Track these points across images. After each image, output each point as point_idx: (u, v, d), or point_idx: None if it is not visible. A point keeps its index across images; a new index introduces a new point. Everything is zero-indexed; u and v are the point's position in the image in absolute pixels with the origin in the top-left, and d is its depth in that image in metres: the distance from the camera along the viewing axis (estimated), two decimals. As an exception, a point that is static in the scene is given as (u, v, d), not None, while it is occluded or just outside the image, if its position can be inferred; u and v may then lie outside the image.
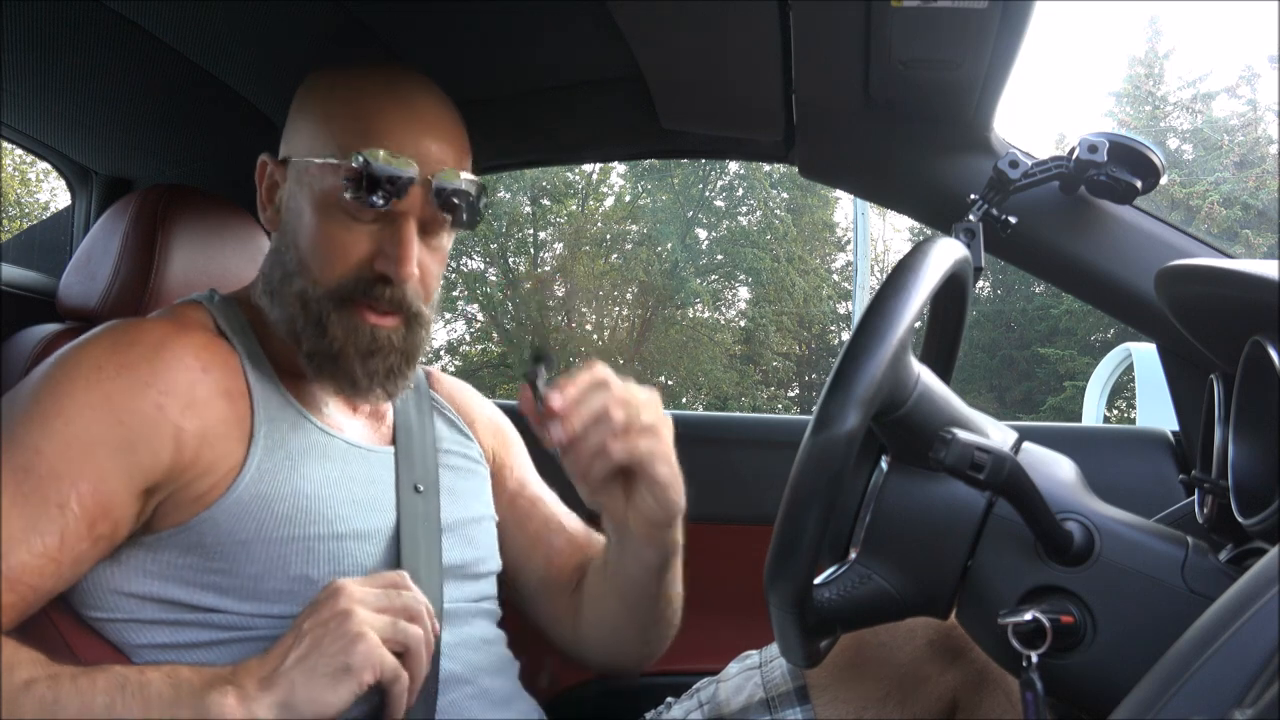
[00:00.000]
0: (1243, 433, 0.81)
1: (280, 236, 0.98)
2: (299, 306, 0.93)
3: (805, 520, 0.69)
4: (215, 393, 0.91)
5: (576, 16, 1.19)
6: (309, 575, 0.90)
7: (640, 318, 18.13)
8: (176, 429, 0.87)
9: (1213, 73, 24.53)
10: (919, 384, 0.77)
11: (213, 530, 0.88)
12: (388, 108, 0.93)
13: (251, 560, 0.89)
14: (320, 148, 0.93)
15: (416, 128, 0.93)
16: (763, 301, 18.12)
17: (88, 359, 0.88)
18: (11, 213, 12.47)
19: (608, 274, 18.03)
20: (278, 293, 0.96)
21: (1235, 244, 14.81)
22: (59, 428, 0.83)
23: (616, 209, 18.50)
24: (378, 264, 0.92)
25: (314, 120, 0.96)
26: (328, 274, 0.92)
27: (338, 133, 0.92)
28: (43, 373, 0.88)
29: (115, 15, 1.15)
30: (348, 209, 0.91)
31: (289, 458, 0.93)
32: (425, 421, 1.10)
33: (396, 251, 0.91)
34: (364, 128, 0.91)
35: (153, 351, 0.89)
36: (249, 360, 0.95)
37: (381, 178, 0.88)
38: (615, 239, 18.43)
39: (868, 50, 1.12)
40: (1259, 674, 0.44)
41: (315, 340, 0.93)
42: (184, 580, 0.88)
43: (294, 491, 0.91)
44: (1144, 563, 0.73)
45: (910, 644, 1.06)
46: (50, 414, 0.84)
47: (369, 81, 0.96)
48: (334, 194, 0.91)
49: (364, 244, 0.92)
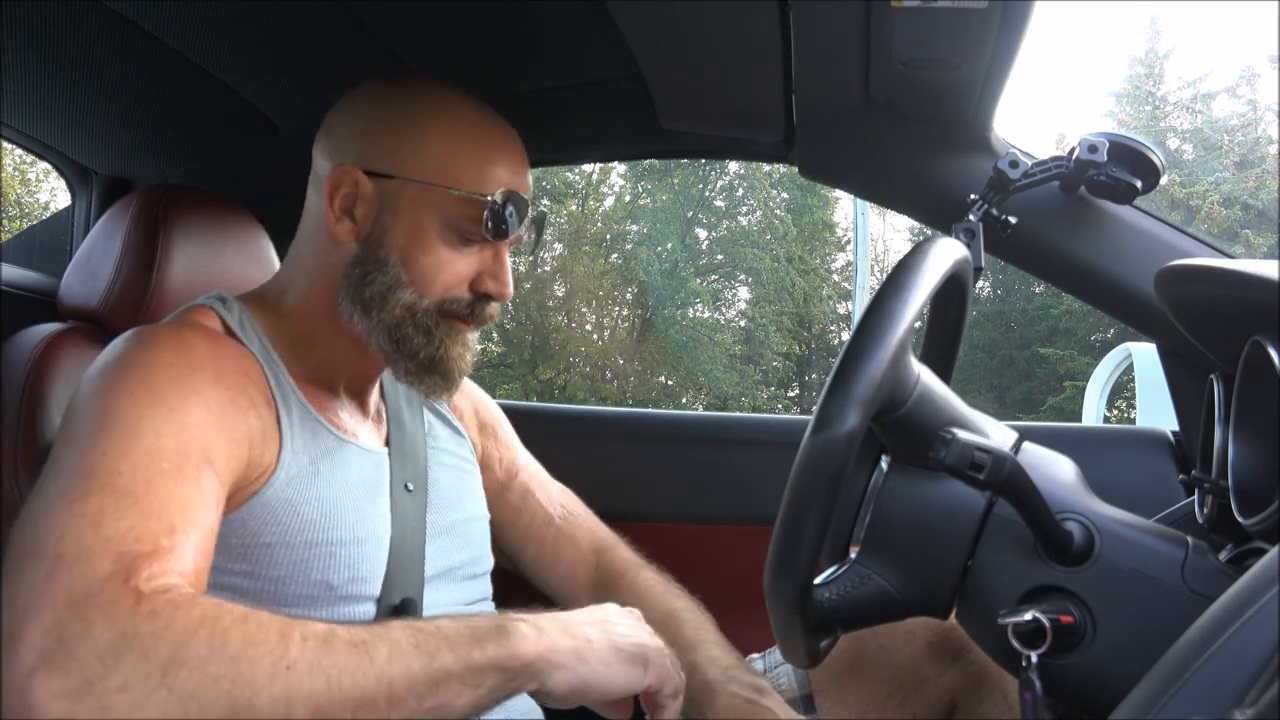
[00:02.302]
0: (1243, 433, 0.81)
1: (371, 250, 0.98)
2: (408, 317, 0.97)
3: (805, 520, 0.69)
4: (258, 395, 0.92)
5: (576, 16, 1.19)
6: (329, 580, 0.91)
7: (640, 318, 18.13)
8: (247, 422, 0.88)
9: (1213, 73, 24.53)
10: (919, 384, 0.77)
11: (238, 531, 0.88)
12: (507, 148, 1.01)
13: (275, 564, 0.89)
14: (445, 177, 0.97)
15: (524, 168, 1.02)
16: (763, 301, 18.13)
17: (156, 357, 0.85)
18: (11, 213, 12.47)
19: (608, 274, 18.04)
20: (376, 304, 0.97)
21: (1235, 244, 14.81)
22: (165, 412, 0.80)
23: (616, 209, 18.50)
24: (482, 284, 0.99)
25: (431, 146, 0.98)
26: (437, 289, 0.98)
27: (467, 167, 0.98)
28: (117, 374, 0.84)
29: (115, 15, 1.15)
30: (467, 236, 0.97)
31: (312, 462, 0.93)
32: (417, 418, 1.11)
33: (501, 275, 0.99)
34: (493, 168, 0.98)
35: (211, 353, 0.89)
36: (266, 365, 0.96)
37: (511, 217, 0.97)
38: (615, 239, 18.44)
39: (868, 50, 1.12)
40: (1259, 674, 0.44)
41: (425, 347, 0.98)
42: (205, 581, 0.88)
43: (318, 497, 0.92)
44: (1144, 563, 0.73)
45: (909, 646, 1.06)
46: (153, 403, 0.81)
47: (474, 114, 1.01)
48: (458, 222, 0.97)
49: (471, 265, 0.99)
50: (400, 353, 0.98)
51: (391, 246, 0.97)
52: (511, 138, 1.03)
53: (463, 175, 0.97)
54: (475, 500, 1.13)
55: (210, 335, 0.93)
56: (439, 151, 0.97)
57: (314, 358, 1.00)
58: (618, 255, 18.38)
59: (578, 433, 1.68)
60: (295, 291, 1.02)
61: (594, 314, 18.64)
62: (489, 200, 0.96)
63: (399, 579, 0.96)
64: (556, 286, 18.33)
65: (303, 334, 1.00)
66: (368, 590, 0.93)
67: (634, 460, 1.64)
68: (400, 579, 0.96)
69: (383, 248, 0.97)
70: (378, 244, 0.97)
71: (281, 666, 0.66)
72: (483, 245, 0.99)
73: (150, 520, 0.72)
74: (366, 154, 0.98)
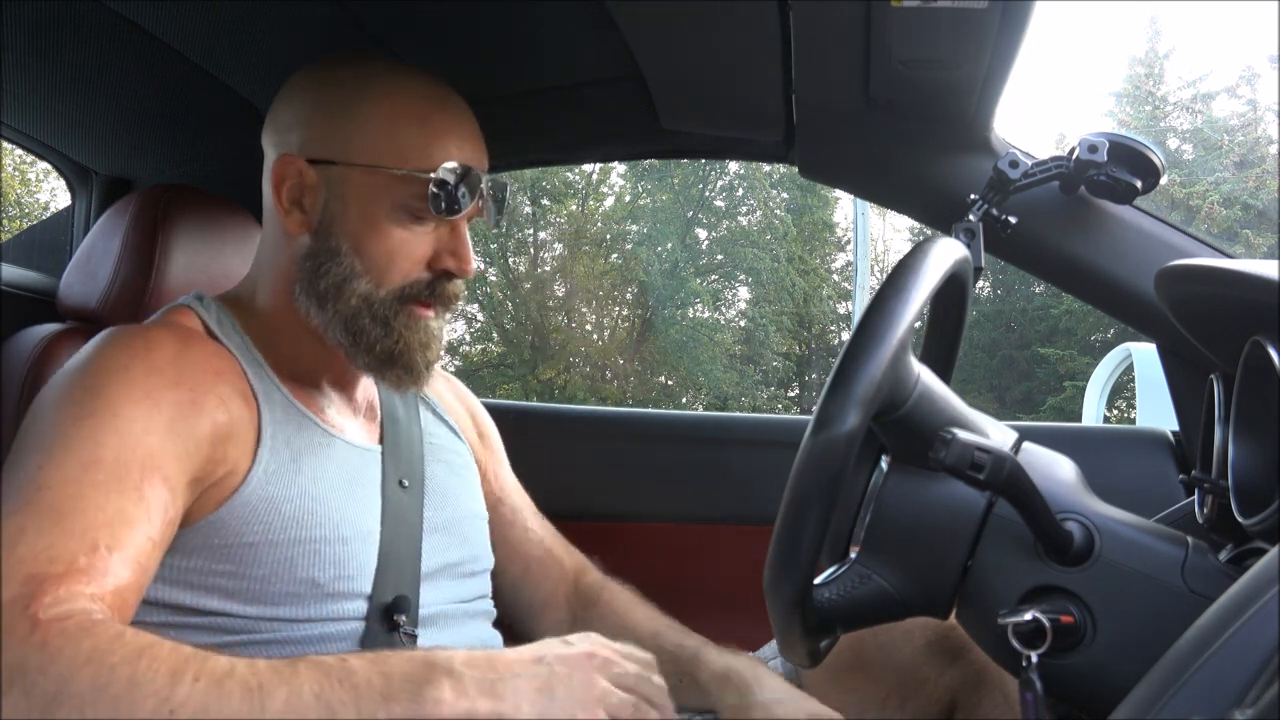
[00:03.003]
0: (1243, 433, 0.81)
1: (322, 240, 0.96)
2: (364, 308, 0.95)
3: (805, 520, 0.69)
4: (231, 392, 0.91)
5: (576, 16, 1.19)
6: (314, 578, 0.90)
7: (640, 318, 18.12)
8: (211, 421, 0.87)
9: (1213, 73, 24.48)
10: (919, 384, 0.77)
11: (219, 532, 0.87)
12: (451, 120, 0.97)
13: (259, 563, 0.88)
14: (388, 157, 0.94)
15: (474, 139, 0.99)
16: (763, 301, 18.12)
17: (112, 362, 0.86)
18: (11, 213, 12.47)
19: (608, 274, 18.03)
20: (332, 296, 0.95)
21: (1235, 244, 14.81)
22: (108, 420, 0.80)
23: (616, 209, 18.49)
24: (440, 262, 0.97)
25: (371, 128, 0.95)
26: (394, 276, 0.95)
27: (409, 145, 0.95)
28: (67, 382, 0.85)
29: (115, 15, 1.15)
30: (419, 215, 0.95)
31: (294, 459, 0.93)
32: (412, 416, 1.10)
33: (461, 250, 0.97)
34: (437, 142, 0.95)
35: (175, 354, 0.88)
36: (246, 363, 0.95)
37: (462, 192, 0.94)
38: (615, 239, 18.43)
39: (868, 50, 1.12)
40: (1259, 674, 0.44)
41: (382, 339, 0.95)
42: (189, 584, 0.88)
43: (300, 493, 0.91)
44: (1144, 563, 0.73)
45: (909, 645, 1.06)
46: (97, 412, 0.81)
47: (417, 88, 0.97)
48: (406, 202, 0.94)
49: (427, 244, 0.96)
50: (357, 346, 0.96)
51: (342, 235, 0.95)
52: (459, 109, 0.99)
53: (407, 153, 0.94)
54: (474, 498, 1.13)
55: (182, 335, 0.92)
56: (379, 131, 0.95)
57: (290, 354, 0.99)
58: (618, 255, 18.37)
59: (578, 433, 1.68)
60: (263, 289, 1.01)
61: (594, 314, 18.63)
62: (435, 177, 0.93)
63: (391, 576, 0.95)
64: (556, 286, 18.33)
65: (274, 330, 0.99)
66: (357, 587, 0.92)
67: (634, 460, 1.64)
68: (393, 576, 0.95)
69: (333, 236, 0.95)
70: (328, 233, 0.96)
71: (165, 710, 0.63)
72: (438, 222, 0.96)
73: (70, 540, 0.72)
74: (308, 142, 0.96)
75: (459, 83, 1.01)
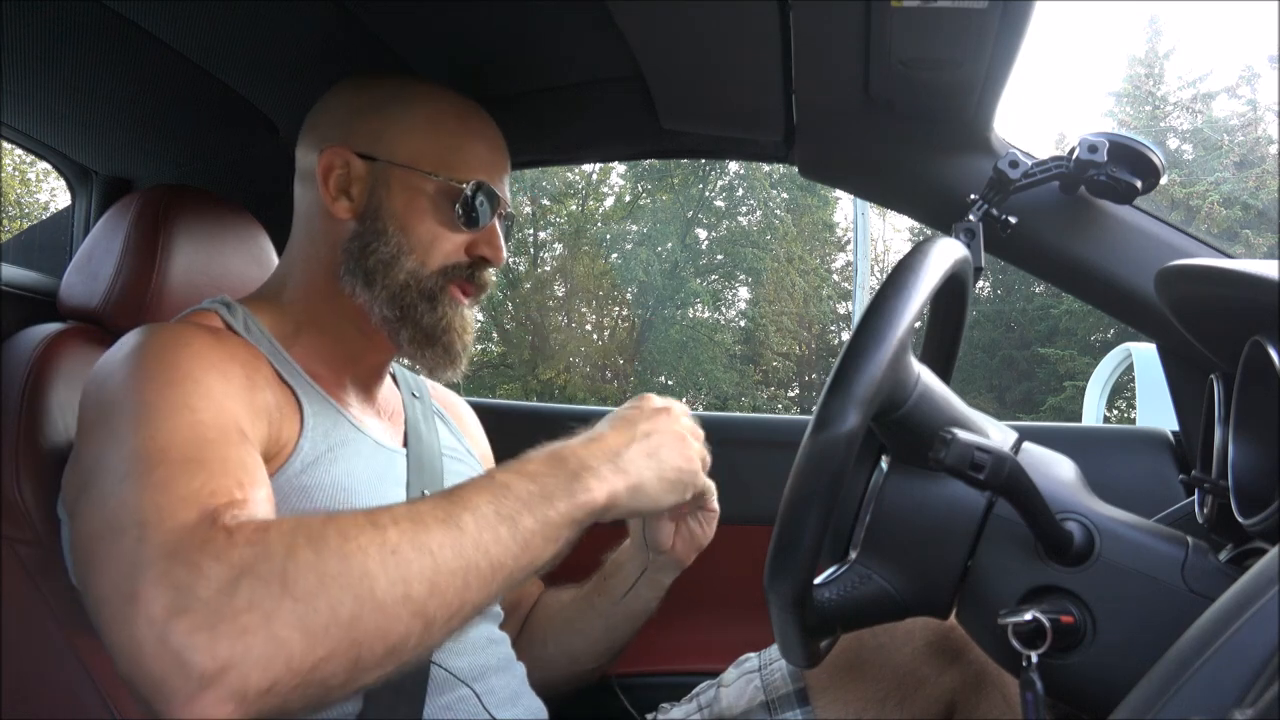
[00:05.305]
0: (1243, 433, 0.81)
1: (369, 224, 1.01)
2: (411, 282, 1.01)
3: (805, 520, 0.69)
4: (273, 378, 0.94)
5: (576, 16, 1.19)
6: None
7: (640, 318, 18.13)
8: (264, 399, 0.89)
9: (1213, 73, 24.52)
10: (919, 384, 0.77)
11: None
12: (486, 145, 1.06)
13: None
14: (426, 162, 1.02)
15: (503, 167, 1.08)
16: (763, 301, 18.13)
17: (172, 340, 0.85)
18: (11, 213, 12.47)
19: (608, 274, 18.04)
20: (380, 272, 1.00)
21: (1235, 244, 14.81)
22: (192, 387, 0.80)
23: (616, 209, 18.50)
24: (477, 249, 1.04)
25: (416, 134, 1.03)
26: (437, 256, 1.02)
27: (446, 156, 1.03)
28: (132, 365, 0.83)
29: (115, 15, 1.15)
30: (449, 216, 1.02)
31: (330, 449, 0.94)
32: (431, 426, 1.13)
33: (495, 241, 1.05)
34: (471, 160, 1.04)
35: (214, 343, 0.89)
36: (275, 360, 0.97)
37: (482, 210, 1.03)
38: (615, 239, 18.44)
39: (868, 50, 1.12)
40: (1259, 674, 0.44)
41: (428, 313, 1.01)
42: None
43: (332, 484, 0.92)
44: (1144, 563, 0.73)
45: (909, 645, 1.06)
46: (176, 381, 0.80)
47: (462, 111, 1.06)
48: (439, 204, 1.02)
49: (464, 235, 1.04)
50: (404, 320, 1.01)
51: (389, 217, 1.01)
52: (489, 129, 1.07)
53: (440, 162, 1.02)
54: None
55: (214, 331, 0.94)
56: (419, 138, 1.02)
57: (318, 346, 1.02)
58: (618, 255, 18.37)
59: (578, 433, 1.68)
60: (294, 281, 1.05)
61: (594, 314, 18.64)
62: (462, 189, 1.01)
63: None
64: (556, 286, 18.33)
65: (304, 323, 1.02)
66: None
67: (634, 460, 1.64)
68: None
69: (380, 219, 1.01)
70: (375, 215, 1.01)
71: (387, 551, 0.67)
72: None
73: (219, 478, 0.72)
74: (353, 137, 1.03)
75: (459, 83, 1.01)
